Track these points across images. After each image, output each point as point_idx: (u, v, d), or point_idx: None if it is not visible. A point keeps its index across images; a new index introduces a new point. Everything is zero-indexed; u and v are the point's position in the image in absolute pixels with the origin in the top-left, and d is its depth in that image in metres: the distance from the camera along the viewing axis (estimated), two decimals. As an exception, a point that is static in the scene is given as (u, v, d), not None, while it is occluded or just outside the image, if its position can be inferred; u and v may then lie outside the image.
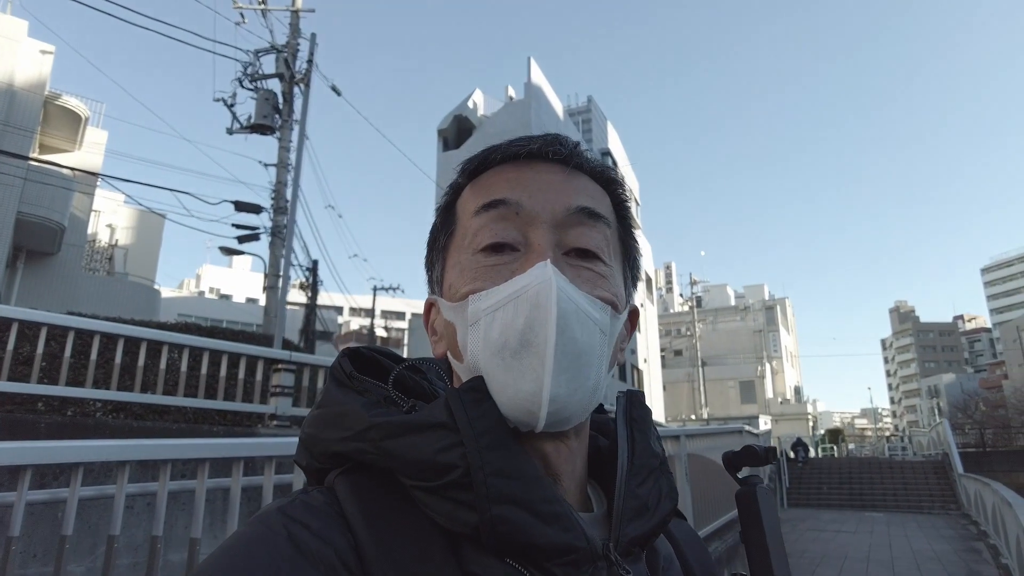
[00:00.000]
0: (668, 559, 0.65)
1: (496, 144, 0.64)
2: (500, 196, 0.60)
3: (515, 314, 0.54)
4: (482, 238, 0.59)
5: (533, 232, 0.59)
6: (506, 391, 0.53)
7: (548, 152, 0.62)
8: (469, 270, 0.59)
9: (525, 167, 0.62)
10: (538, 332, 0.52)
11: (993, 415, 43.76)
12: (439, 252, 0.65)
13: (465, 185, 0.65)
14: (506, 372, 0.53)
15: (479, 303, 0.56)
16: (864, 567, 9.47)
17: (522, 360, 0.53)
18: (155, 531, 2.19)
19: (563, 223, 0.60)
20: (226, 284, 48.84)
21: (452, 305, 0.59)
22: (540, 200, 0.60)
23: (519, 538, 0.50)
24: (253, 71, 13.03)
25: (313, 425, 0.59)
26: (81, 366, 5.42)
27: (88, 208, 18.57)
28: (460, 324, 0.58)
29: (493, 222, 0.59)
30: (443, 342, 0.63)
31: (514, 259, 0.58)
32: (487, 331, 0.55)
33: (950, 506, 17.96)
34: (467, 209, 0.62)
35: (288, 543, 0.47)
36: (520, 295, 0.54)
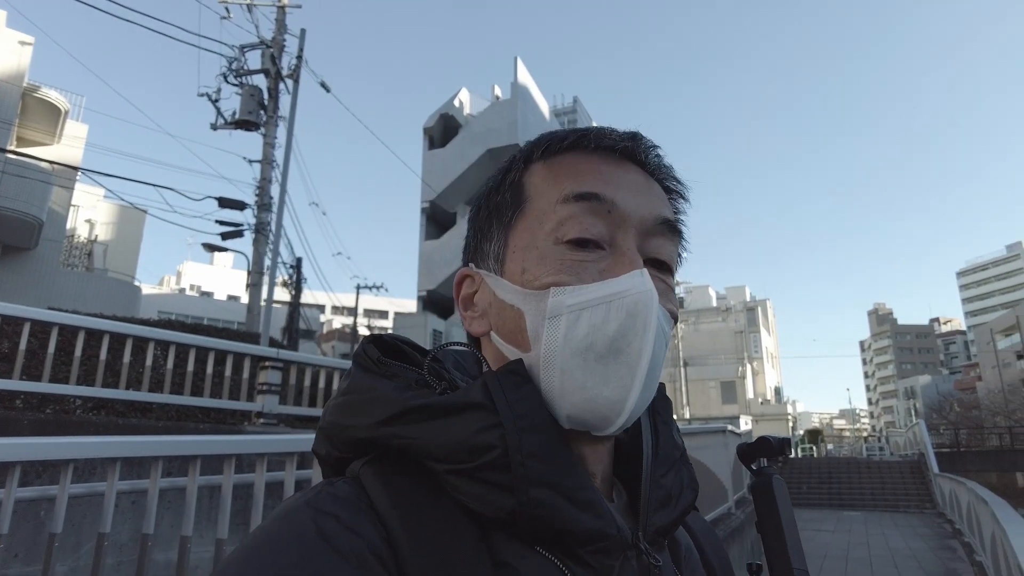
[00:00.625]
0: (688, 549, 0.66)
1: (584, 128, 0.62)
2: (596, 190, 0.57)
3: (606, 318, 0.53)
4: (570, 229, 0.56)
5: (622, 235, 0.57)
6: (583, 392, 0.53)
7: (637, 153, 0.61)
8: (552, 260, 0.56)
9: (612, 162, 0.60)
10: (632, 342, 0.52)
11: (967, 416, 44.57)
12: (503, 227, 0.61)
13: (536, 161, 0.62)
14: (587, 374, 0.53)
15: (563, 297, 0.54)
16: (843, 565, 9.61)
17: (608, 366, 0.52)
18: (145, 529, 2.17)
19: (648, 231, 0.59)
20: (207, 281, 48.24)
21: (524, 291, 0.57)
22: (632, 203, 0.58)
23: (553, 522, 0.49)
24: (238, 66, 12.91)
25: (337, 412, 0.57)
26: (64, 363, 5.33)
27: (67, 203, 18.27)
28: (532, 312, 0.56)
29: (584, 215, 0.57)
30: (485, 320, 0.61)
31: (601, 258, 0.56)
32: (570, 328, 0.53)
33: (926, 505, 18.29)
34: (545, 191, 0.59)
35: (318, 537, 0.46)
36: (614, 300, 0.53)
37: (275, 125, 12.90)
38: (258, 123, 12.85)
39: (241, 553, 0.46)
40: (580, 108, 36.78)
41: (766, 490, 0.67)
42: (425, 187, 25.25)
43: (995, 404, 43.22)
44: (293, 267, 18.37)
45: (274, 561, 0.44)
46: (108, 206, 24.34)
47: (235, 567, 0.44)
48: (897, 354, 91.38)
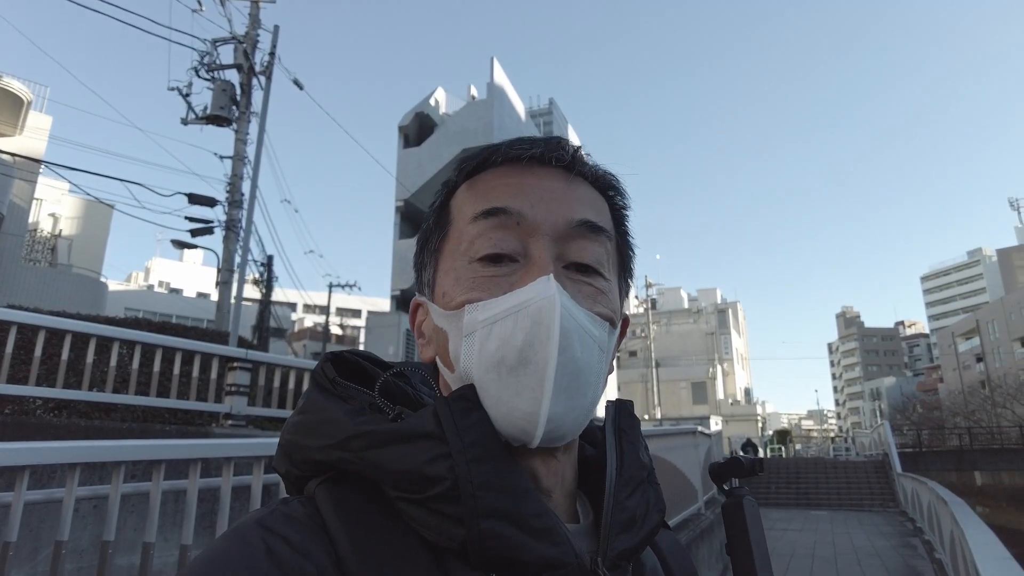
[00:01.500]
0: (654, 570, 0.64)
1: (496, 144, 0.61)
2: (501, 204, 0.57)
3: (514, 329, 0.52)
4: (480, 247, 0.57)
5: (534, 244, 0.57)
6: (500, 407, 0.52)
7: (551, 157, 0.60)
8: (465, 279, 0.56)
9: (527, 172, 0.59)
10: (538, 350, 0.51)
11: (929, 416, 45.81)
12: (431, 254, 0.62)
13: (460, 184, 0.62)
14: (501, 388, 0.52)
15: (476, 314, 0.54)
16: (809, 564, 9.79)
17: (519, 377, 0.51)
18: (106, 536, 2.12)
19: (564, 236, 0.58)
20: (176, 278, 47.29)
21: (445, 313, 0.57)
22: (542, 211, 0.57)
23: (507, 553, 0.48)
24: (210, 61, 12.69)
25: (294, 431, 0.56)
26: (23, 362, 5.18)
27: (29, 196, 17.78)
28: (453, 333, 0.56)
29: (492, 230, 0.57)
30: (431, 346, 0.61)
31: (513, 271, 0.56)
32: (483, 344, 0.53)
33: (889, 504, 18.73)
34: (464, 212, 0.60)
35: (266, 558, 0.45)
36: (520, 310, 0.52)
37: (247, 121, 12.70)
38: (230, 119, 12.64)
39: (191, 570, 0.45)
40: (556, 110, 36.90)
41: (736, 511, 0.67)
42: (399, 186, 25.10)
43: (955, 405, 44.50)
44: (264, 265, 18.15)
45: None
46: (73, 200, 23.71)
47: None
48: (864, 356, 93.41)
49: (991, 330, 52.15)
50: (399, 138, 27.51)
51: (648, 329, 46.11)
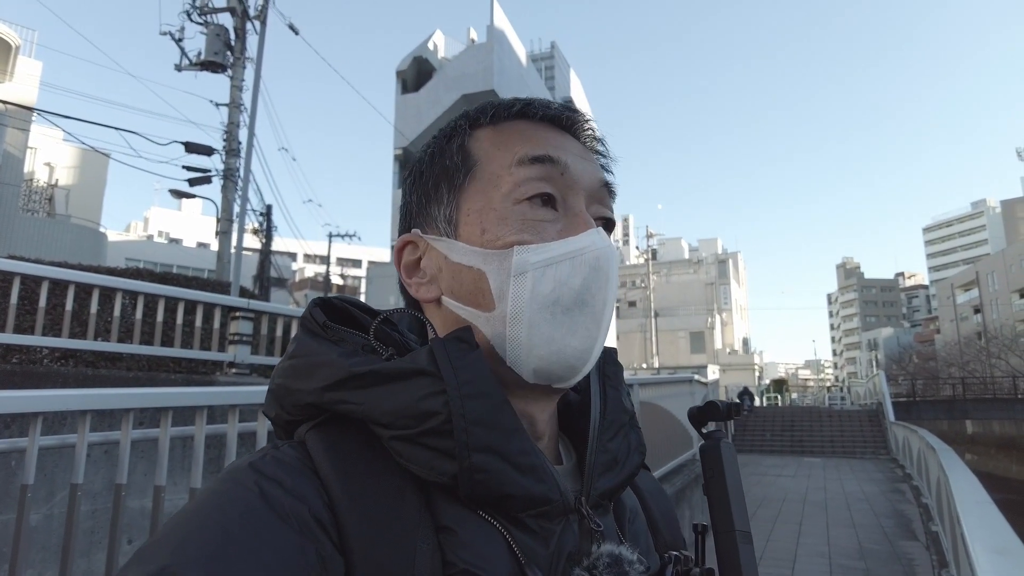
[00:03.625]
0: (634, 511, 0.67)
1: (530, 99, 0.64)
2: (550, 153, 0.59)
3: (571, 273, 0.55)
4: (528, 189, 0.58)
5: (573, 197, 0.60)
6: (551, 344, 0.55)
7: (576, 129, 0.65)
8: (513, 220, 0.57)
9: (555, 131, 0.63)
10: (596, 295, 0.56)
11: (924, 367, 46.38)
12: (453, 190, 0.61)
13: (482, 127, 0.63)
14: (554, 327, 0.55)
15: (528, 255, 0.56)
16: (801, 508, 10.08)
17: (574, 318, 0.55)
18: (119, 479, 2.19)
19: (594, 194, 0.62)
20: (176, 228, 47.15)
21: (484, 251, 0.57)
22: (580, 167, 0.61)
23: (495, 488, 0.50)
24: (203, 3, 12.31)
25: (285, 375, 0.57)
26: (28, 312, 5.24)
27: (23, 145, 17.54)
28: (496, 272, 0.56)
29: (539, 178, 0.59)
30: (434, 285, 0.61)
31: (556, 218, 0.58)
32: (536, 284, 0.55)
33: (880, 451, 19.11)
34: (496, 155, 0.60)
35: (260, 500, 0.46)
36: (577, 256, 0.56)
37: (243, 67, 12.42)
38: (225, 64, 12.35)
39: (184, 514, 0.46)
40: (558, 53, 36.00)
41: (714, 454, 0.68)
42: (398, 134, 24.74)
43: (951, 356, 45.02)
44: (263, 214, 18.07)
45: (216, 522, 0.44)
46: (69, 149, 23.42)
47: (177, 528, 0.45)
48: (862, 307, 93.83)
49: (990, 282, 52.24)
50: (397, 84, 26.98)
51: (648, 279, 46.20)
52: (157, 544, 0.44)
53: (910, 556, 7.17)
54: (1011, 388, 29.66)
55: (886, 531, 8.43)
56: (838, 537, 8.05)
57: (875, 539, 7.97)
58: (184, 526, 0.45)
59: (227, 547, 0.43)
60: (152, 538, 0.45)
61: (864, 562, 6.90)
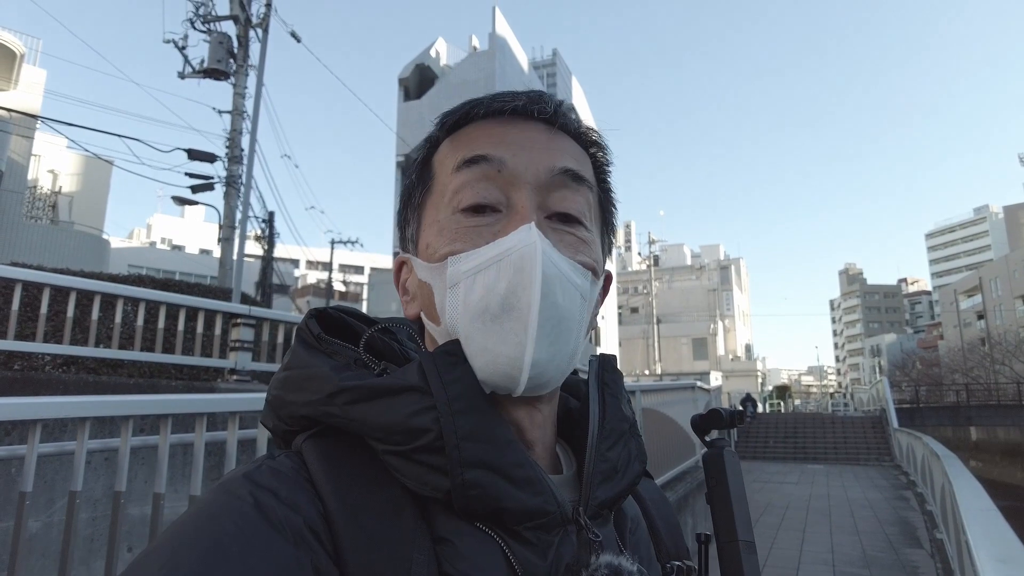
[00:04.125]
0: (635, 520, 0.66)
1: (478, 98, 0.61)
2: (482, 152, 0.57)
3: (497, 277, 0.53)
4: (463, 197, 0.57)
5: (516, 193, 0.57)
6: (485, 355, 0.53)
7: (533, 110, 0.60)
8: (448, 230, 0.57)
9: (508, 124, 0.60)
10: (521, 296, 0.52)
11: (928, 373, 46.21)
12: (414, 209, 0.62)
13: (443, 139, 0.62)
14: (486, 336, 0.53)
15: (459, 265, 0.55)
16: (804, 515, 10.03)
17: (503, 324, 0.52)
18: (118, 486, 2.19)
19: (546, 185, 0.58)
20: (178, 234, 47.30)
21: (429, 266, 0.58)
22: (524, 159, 0.58)
23: (490, 503, 0.50)
24: (206, 12, 12.40)
25: (280, 387, 0.57)
26: (30, 319, 5.24)
27: (27, 152, 17.60)
28: (438, 286, 0.57)
29: (475, 181, 0.57)
30: (416, 303, 0.62)
31: (496, 220, 0.56)
32: (467, 294, 0.54)
33: (884, 458, 19.02)
34: (446, 165, 0.60)
35: (255, 511, 0.46)
36: (503, 258, 0.53)
37: (245, 74, 12.48)
38: (227, 72, 12.42)
39: (178, 525, 0.46)
40: (559, 61, 36.12)
41: (717, 462, 0.67)
42: (400, 141, 24.82)
43: (954, 362, 44.82)
44: (266, 221, 18.10)
45: (209, 533, 0.44)
46: (72, 156, 23.49)
47: (171, 539, 0.45)
48: (865, 313, 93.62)
49: (993, 287, 52.09)
50: (399, 91, 27.08)
51: (650, 285, 46.17)
52: (151, 555, 0.44)
53: (915, 564, 7.13)
54: (1015, 394, 29.48)
55: (890, 539, 8.38)
56: (842, 544, 8.00)
57: (879, 547, 7.92)
58: (178, 537, 0.45)
59: (220, 558, 0.42)
60: (146, 548, 0.45)
61: (868, 570, 6.85)
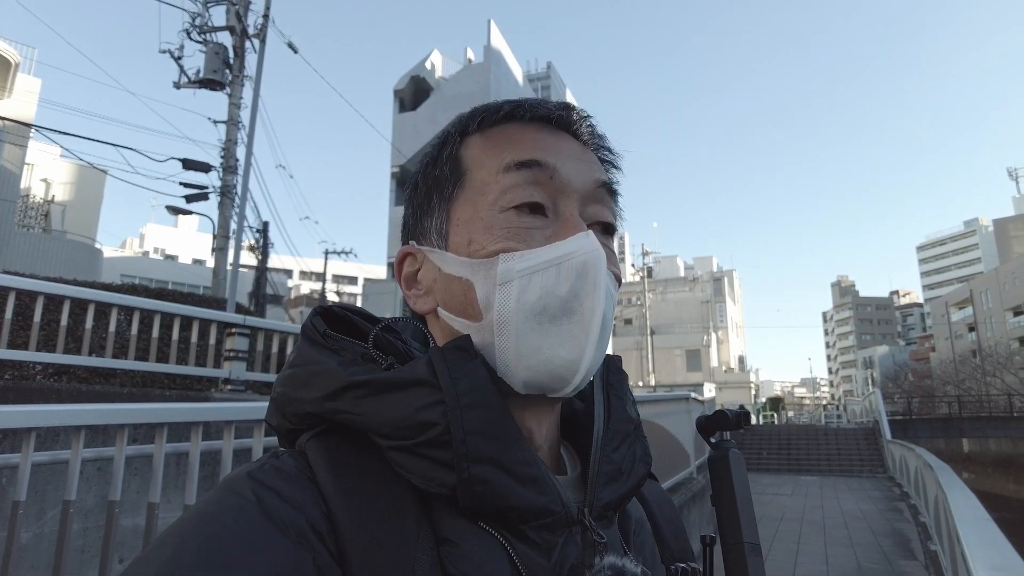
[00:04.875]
0: (640, 522, 0.66)
1: (518, 100, 0.62)
2: (535, 157, 0.58)
3: (557, 280, 0.53)
4: (514, 196, 0.57)
5: (564, 201, 0.58)
6: (539, 354, 0.53)
7: (573, 123, 0.62)
8: (499, 228, 0.56)
9: (550, 132, 0.60)
10: (583, 301, 0.53)
11: (920, 385, 46.33)
12: (444, 201, 0.60)
13: (473, 134, 0.62)
14: (542, 336, 0.53)
15: (513, 263, 0.54)
16: (798, 527, 10.01)
17: (562, 326, 0.53)
18: (112, 496, 2.17)
19: (589, 196, 0.59)
20: (171, 244, 47.07)
21: (471, 261, 0.57)
22: (572, 170, 0.59)
23: (495, 500, 0.49)
24: (202, 23, 12.43)
25: (286, 384, 0.57)
26: (23, 328, 5.21)
27: (20, 161, 17.56)
28: (482, 281, 0.56)
29: (526, 184, 0.57)
30: (430, 297, 0.60)
31: (546, 224, 0.57)
32: (522, 293, 0.54)
33: (877, 470, 19.03)
34: (485, 162, 0.59)
35: (257, 510, 0.46)
36: (563, 262, 0.54)
37: (241, 85, 12.50)
38: (223, 82, 12.43)
39: (180, 523, 0.46)
40: (554, 74, 36.40)
41: (722, 463, 0.67)
42: (395, 151, 24.87)
43: (946, 374, 44.99)
44: (259, 231, 18.06)
45: (211, 531, 0.44)
46: (66, 165, 23.43)
47: (173, 536, 0.45)
48: (857, 325, 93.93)
49: (984, 300, 52.46)
50: (394, 102, 27.16)
51: (644, 297, 46.24)
52: (152, 552, 0.44)
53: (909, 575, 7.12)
54: (1007, 406, 29.61)
55: (884, 550, 8.37)
56: (836, 556, 7.98)
57: (874, 558, 7.91)
58: (180, 535, 0.45)
59: (222, 556, 0.43)
60: (148, 547, 0.45)
61: (863, 582, 6.84)
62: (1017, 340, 46.92)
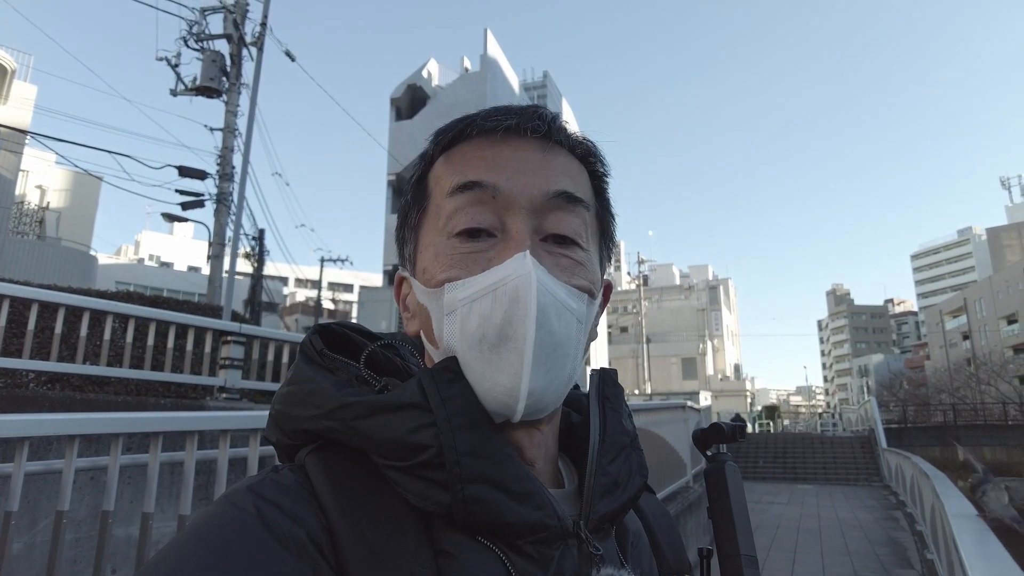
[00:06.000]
0: (637, 534, 0.66)
1: (472, 115, 0.60)
2: (476, 178, 0.57)
3: (493, 307, 0.53)
4: (457, 222, 0.57)
5: (510, 218, 0.57)
6: (483, 383, 0.53)
7: (527, 128, 0.59)
8: (444, 256, 0.57)
9: (501, 143, 0.59)
10: (516, 327, 0.52)
11: (915, 393, 46.37)
12: (411, 229, 0.62)
13: (437, 157, 0.61)
14: (484, 364, 0.53)
15: (455, 293, 0.55)
16: (795, 536, 10.00)
17: (500, 354, 0.52)
18: (106, 506, 2.15)
19: (541, 208, 0.58)
20: (167, 251, 46.90)
21: (427, 290, 0.58)
22: (518, 183, 0.57)
23: (491, 517, 0.50)
24: (199, 30, 12.46)
25: (283, 402, 0.58)
26: (16, 335, 5.17)
27: (15, 167, 17.49)
28: (435, 311, 0.57)
29: (469, 205, 0.57)
30: (416, 320, 0.62)
31: (491, 246, 0.56)
32: (464, 322, 0.54)
33: (873, 478, 19.04)
34: (440, 186, 0.59)
35: (258, 523, 0.46)
36: (498, 287, 0.53)
37: (238, 93, 12.52)
38: (220, 90, 12.45)
39: (183, 535, 0.46)
40: (550, 82, 36.52)
41: (719, 476, 0.67)
42: (391, 160, 24.89)
43: (941, 382, 45.06)
44: (255, 238, 18.04)
45: (213, 544, 0.45)
46: (61, 172, 23.37)
47: (176, 550, 0.45)
48: (852, 333, 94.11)
49: (978, 308, 52.66)
50: (391, 110, 27.20)
51: (639, 305, 46.29)
52: (154, 566, 0.44)
53: (906, 585, 7.11)
54: (1001, 415, 29.66)
55: (881, 559, 8.36)
56: (833, 565, 7.97)
57: (870, 567, 7.89)
58: (182, 548, 0.45)
59: (224, 569, 0.43)
60: (150, 560, 0.45)
61: (860, 591, 6.82)
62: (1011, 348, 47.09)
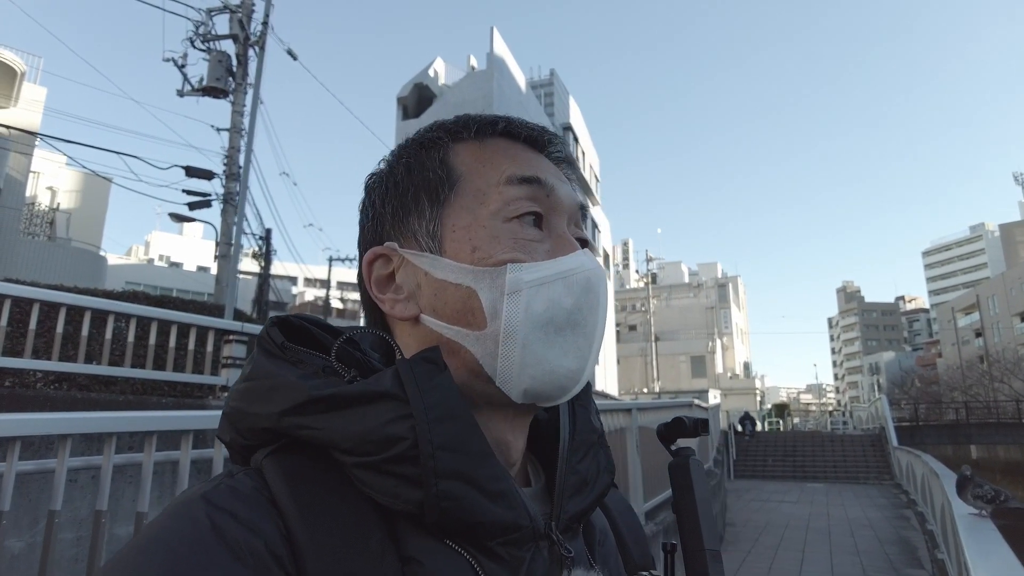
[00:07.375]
0: (603, 532, 0.66)
1: (513, 118, 0.64)
2: (538, 175, 0.60)
3: (564, 293, 0.55)
4: (518, 208, 0.58)
5: (557, 219, 0.60)
6: (544, 364, 0.54)
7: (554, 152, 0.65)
8: (504, 238, 0.56)
9: (537, 154, 0.63)
10: (587, 316, 0.56)
11: (927, 391, 46.10)
12: (436, 205, 0.59)
13: (464, 142, 0.61)
14: (548, 347, 0.54)
15: (521, 274, 0.55)
16: (804, 535, 9.94)
17: (567, 338, 0.55)
18: (99, 505, 2.15)
19: (572, 215, 0.62)
20: (176, 252, 47.25)
21: (475, 269, 0.55)
22: (564, 190, 0.62)
23: (463, 516, 0.48)
24: (205, 31, 12.53)
25: (240, 399, 0.54)
26: (19, 335, 5.21)
27: (26, 169, 17.67)
28: (488, 289, 0.55)
29: (527, 198, 0.59)
30: (412, 302, 0.58)
31: (543, 239, 0.59)
32: (530, 303, 0.54)
33: (884, 477, 18.93)
34: (482, 172, 0.59)
35: (212, 534, 0.43)
36: (569, 276, 0.56)
37: (244, 92, 12.57)
38: (226, 90, 12.52)
39: (131, 549, 0.43)
40: (557, 81, 36.42)
41: (683, 471, 0.68)
42: (399, 159, 24.92)
43: (953, 380, 44.77)
44: (262, 238, 18.10)
45: (164, 559, 0.42)
46: (71, 173, 23.60)
47: (123, 564, 0.42)
48: (863, 331, 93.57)
49: (991, 305, 52.19)
50: (397, 109, 27.23)
51: (648, 303, 46.16)
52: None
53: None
54: (1015, 412, 29.38)
55: (891, 558, 8.29)
56: (842, 564, 7.91)
57: (880, 567, 7.83)
58: (128, 564, 0.42)
59: None
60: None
61: (868, 591, 6.76)
62: (1024, 346, 46.64)
